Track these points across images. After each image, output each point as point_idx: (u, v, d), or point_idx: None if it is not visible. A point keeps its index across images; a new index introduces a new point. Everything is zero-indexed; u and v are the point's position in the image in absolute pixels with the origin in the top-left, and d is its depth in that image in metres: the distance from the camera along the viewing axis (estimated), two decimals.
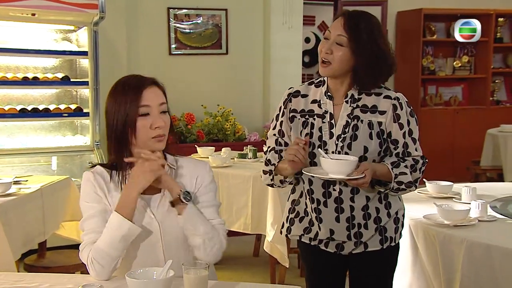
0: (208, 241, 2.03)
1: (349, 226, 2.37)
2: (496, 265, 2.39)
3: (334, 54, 2.28)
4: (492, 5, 7.65)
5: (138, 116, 2.00)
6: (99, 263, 1.96)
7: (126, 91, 2.02)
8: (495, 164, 6.44)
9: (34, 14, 4.91)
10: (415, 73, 7.68)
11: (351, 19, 2.27)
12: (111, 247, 1.96)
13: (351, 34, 2.25)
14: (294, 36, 6.34)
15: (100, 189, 2.06)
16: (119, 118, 2.01)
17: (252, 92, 6.39)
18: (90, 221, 2.04)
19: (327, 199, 2.36)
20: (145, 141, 2.02)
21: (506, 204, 3.09)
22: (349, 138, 2.31)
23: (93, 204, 2.05)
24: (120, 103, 2.01)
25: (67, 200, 3.96)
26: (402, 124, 2.33)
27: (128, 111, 2.00)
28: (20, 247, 3.36)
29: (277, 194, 3.88)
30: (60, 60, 5.42)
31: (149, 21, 5.97)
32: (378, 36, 2.28)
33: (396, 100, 2.33)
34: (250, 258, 5.00)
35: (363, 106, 2.34)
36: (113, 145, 2.05)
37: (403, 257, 2.80)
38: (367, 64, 2.26)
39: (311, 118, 2.37)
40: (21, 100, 5.25)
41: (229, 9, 6.25)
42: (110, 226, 1.97)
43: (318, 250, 2.45)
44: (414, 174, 2.32)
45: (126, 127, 2.01)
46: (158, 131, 2.03)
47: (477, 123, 7.59)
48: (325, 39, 2.33)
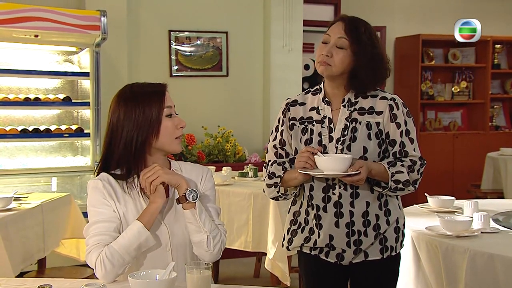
0: (212, 239, 2.06)
1: (348, 232, 2.36)
2: (500, 275, 2.37)
3: (334, 57, 2.31)
4: (489, 32, 7.72)
5: (164, 117, 2.07)
6: (111, 263, 1.96)
7: (146, 96, 2.07)
8: (495, 187, 6.43)
9: (37, 36, 4.96)
10: (414, 98, 7.72)
11: (351, 23, 2.32)
12: (126, 251, 1.98)
13: (352, 36, 2.29)
14: (294, 58, 6.40)
15: (109, 196, 2.07)
16: (144, 123, 2.05)
17: (252, 113, 6.42)
18: (98, 225, 2.04)
19: (327, 203, 2.37)
20: (169, 142, 2.10)
21: (509, 217, 3.09)
22: (348, 140, 2.34)
23: (102, 210, 2.05)
24: (144, 108, 2.05)
25: (67, 217, 3.95)
26: (399, 123, 2.35)
27: (154, 114, 2.06)
28: (19, 263, 3.34)
29: (278, 211, 3.87)
30: (61, 81, 5.46)
31: (150, 43, 6.02)
32: (376, 40, 2.34)
33: (392, 100, 2.37)
34: (250, 279, 4.96)
35: (360, 108, 2.37)
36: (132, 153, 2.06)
37: (406, 269, 2.79)
38: (367, 66, 2.30)
39: (310, 125, 2.40)
40: (22, 121, 5.27)
41: (229, 32, 6.31)
42: (130, 233, 1.99)
43: (319, 260, 2.44)
44: (412, 175, 2.32)
45: (150, 132, 2.05)
46: (181, 130, 2.12)
47: (476, 148, 7.60)
48: (323, 43, 2.36)
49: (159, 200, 2.03)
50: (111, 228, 2.03)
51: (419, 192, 2.88)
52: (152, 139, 2.07)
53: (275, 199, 2.48)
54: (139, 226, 1.99)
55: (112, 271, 1.97)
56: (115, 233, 2.03)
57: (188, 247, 2.11)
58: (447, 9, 7.89)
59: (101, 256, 1.97)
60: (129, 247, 1.98)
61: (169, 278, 1.78)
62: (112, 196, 2.07)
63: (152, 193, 2.03)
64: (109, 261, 1.96)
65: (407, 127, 2.36)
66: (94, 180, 2.10)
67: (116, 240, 1.99)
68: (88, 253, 2.02)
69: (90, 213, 2.08)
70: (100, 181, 2.08)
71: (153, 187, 2.01)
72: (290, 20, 6.35)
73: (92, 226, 2.04)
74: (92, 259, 2.00)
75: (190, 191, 2.02)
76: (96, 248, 2.00)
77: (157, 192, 2.03)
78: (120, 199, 2.08)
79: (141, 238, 1.98)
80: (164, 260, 2.05)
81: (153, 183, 2.01)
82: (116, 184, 2.09)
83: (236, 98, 6.38)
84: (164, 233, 2.08)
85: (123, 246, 1.97)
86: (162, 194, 2.04)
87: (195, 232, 2.05)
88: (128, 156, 2.06)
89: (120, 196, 2.08)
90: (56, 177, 5.22)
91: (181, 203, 2.04)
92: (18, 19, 4.80)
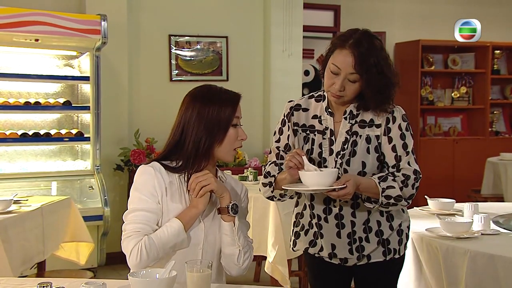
0: (243, 254, 2.10)
1: (350, 241, 2.36)
2: (500, 275, 2.37)
3: (346, 90, 2.26)
4: (489, 38, 7.74)
5: (231, 126, 2.09)
6: (147, 254, 1.96)
7: (223, 100, 2.09)
8: (495, 192, 6.42)
9: (38, 40, 4.97)
10: (414, 104, 7.73)
11: (360, 56, 2.21)
12: (163, 247, 1.99)
13: (362, 72, 2.22)
14: (294, 63, 6.40)
15: (158, 185, 2.06)
16: (215, 126, 2.07)
17: (252, 118, 6.40)
18: (140, 213, 2.03)
19: (328, 215, 2.37)
20: (228, 151, 2.12)
21: (510, 219, 3.08)
22: (347, 155, 2.31)
23: (147, 199, 2.04)
24: (219, 111, 2.07)
25: (67, 221, 3.94)
26: (392, 137, 2.31)
27: (226, 120, 2.07)
28: (19, 265, 3.33)
29: (278, 214, 3.87)
30: (62, 86, 5.46)
31: (150, 48, 6.02)
32: (385, 66, 2.25)
33: (391, 113, 2.33)
34: (250, 284, 4.95)
35: (361, 121, 2.34)
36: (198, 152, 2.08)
37: (406, 270, 2.78)
38: (376, 92, 2.26)
39: (312, 134, 2.38)
40: (22, 126, 5.27)
41: (229, 36, 6.31)
42: (171, 230, 2.00)
43: (323, 262, 2.45)
44: (406, 190, 2.25)
45: (217, 136, 2.07)
46: (240, 142, 2.14)
47: (476, 154, 7.60)
48: (333, 73, 2.27)
49: (201, 206, 2.04)
50: (151, 219, 2.02)
51: (420, 196, 2.87)
52: (216, 144, 2.09)
53: (270, 199, 2.46)
54: (180, 226, 2.00)
55: (145, 262, 1.97)
56: (154, 225, 2.03)
57: (217, 250, 2.13)
58: (446, 15, 7.90)
59: (139, 245, 1.96)
60: (166, 244, 1.99)
61: (168, 277, 1.78)
62: (161, 186, 2.06)
63: (199, 197, 2.03)
64: (146, 252, 1.96)
65: (405, 141, 2.31)
66: (146, 166, 2.10)
67: (156, 234, 1.99)
68: (126, 238, 2.00)
69: (133, 198, 2.06)
70: (153, 168, 2.08)
71: (202, 192, 2.02)
72: (290, 24, 6.36)
73: (134, 213, 2.03)
74: (129, 246, 1.98)
75: (233, 205, 2.05)
76: (136, 236, 1.98)
77: (203, 198, 2.04)
78: (168, 191, 2.07)
79: (179, 239, 2.00)
80: (194, 257, 2.04)
81: (204, 189, 2.02)
82: (167, 175, 2.09)
83: None
84: (200, 232, 2.09)
85: (162, 241, 1.98)
86: (206, 202, 2.05)
87: (229, 245, 2.08)
88: (193, 155, 2.08)
89: (168, 188, 2.08)
90: (56, 181, 5.21)
91: (222, 214, 2.07)
92: (18, 23, 4.81)
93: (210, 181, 2.02)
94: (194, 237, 2.08)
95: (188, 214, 2.04)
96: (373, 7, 7.84)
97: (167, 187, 2.07)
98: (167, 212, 2.06)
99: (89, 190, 5.27)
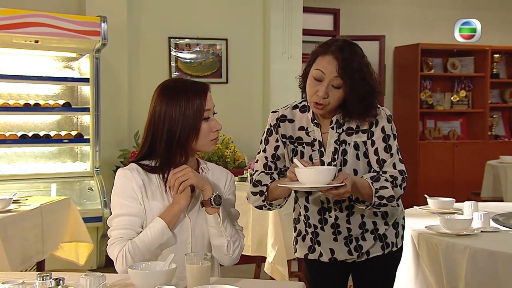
0: (232, 243, 2.09)
1: (347, 242, 2.39)
2: (500, 272, 2.36)
3: (330, 97, 2.23)
4: (488, 42, 7.76)
5: (203, 120, 2.06)
6: (132, 258, 1.96)
7: (189, 96, 2.05)
8: (495, 195, 6.41)
9: (37, 41, 4.98)
10: (413, 107, 7.73)
11: (344, 61, 2.20)
12: (147, 249, 1.99)
13: (346, 77, 2.19)
14: (294, 65, 6.39)
15: (137, 187, 2.05)
16: (184, 123, 2.04)
17: (252, 120, 6.42)
18: (123, 218, 2.03)
19: (324, 225, 2.38)
20: (204, 144, 2.10)
21: (509, 217, 3.08)
22: (339, 165, 2.31)
23: (129, 202, 2.04)
24: (186, 108, 2.04)
25: (66, 221, 3.93)
26: (374, 141, 2.31)
27: (195, 115, 2.04)
28: (18, 264, 3.31)
29: (278, 215, 3.86)
30: (61, 87, 5.47)
31: (150, 50, 6.03)
32: (367, 72, 2.24)
33: (374, 116, 2.31)
34: None
35: (348, 129, 2.33)
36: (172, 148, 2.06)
37: (406, 268, 2.78)
38: (359, 99, 2.23)
39: (300, 146, 2.36)
40: (22, 127, 5.27)
41: (229, 39, 6.33)
42: (154, 231, 1.99)
43: (323, 264, 2.47)
44: (396, 190, 2.26)
45: (191, 131, 2.05)
46: (216, 133, 2.11)
47: (476, 157, 7.59)
48: (317, 80, 2.24)
49: (183, 202, 2.03)
50: (134, 223, 2.02)
51: (419, 195, 2.86)
52: (190, 140, 2.07)
53: (259, 208, 2.40)
54: (163, 225, 1.99)
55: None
56: (138, 227, 2.03)
57: (207, 241, 2.12)
58: (446, 19, 7.92)
59: (123, 250, 1.97)
60: (151, 245, 1.99)
61: (168, 269, 1.78)
62: (140, 187, 2.05)
63: (179, 193, 2.02)
64: (131, 257, 1.96)
65: (388, 143, 2.31)
66: (123, 169, 2.09)
67: (139, 237, 1.99)
68: (111, 245, 2.01)
69: (115, 203, 2.06)
70: (130, 171, 2.07)
71: (182, 188, 2.01)
72: (289, 27, 6.36)
73: (116, 219, 2.04)
74: (114, 252, 1.99)
75: (216, 196, 2.04)
76: (119, 242, 1.99)
77: (184, 194, 2.03)
78: (148, 191, 2.07)
79: (163, 238, 2.00)
80: (183, 252, 2.02)
81: (183, 184, 2.00)
82: (145, 175, 2.08)
83: (235, 105, 6.38)
84: (187, 227, 2.08)
85: (145, 244, 1.98)
86: (187, 197, 2.04)
87: (216, 236, 2.07)
88: (167, 153, 2.06)
89: (148, 188, 2.07)
90: (55, 183, 5.20)
91: (205, 206, 2.06)
92: (18, 24, 4.82)
93: (189, 175, 2.00)
94: (182, 233, 2.07)
95: (171, 211, 2.03)
96: (373, 11, 7.85)
97: (146, 187, 2.06)
98: (150, 212, 2.05)
99: (88, 191, 5.27)
